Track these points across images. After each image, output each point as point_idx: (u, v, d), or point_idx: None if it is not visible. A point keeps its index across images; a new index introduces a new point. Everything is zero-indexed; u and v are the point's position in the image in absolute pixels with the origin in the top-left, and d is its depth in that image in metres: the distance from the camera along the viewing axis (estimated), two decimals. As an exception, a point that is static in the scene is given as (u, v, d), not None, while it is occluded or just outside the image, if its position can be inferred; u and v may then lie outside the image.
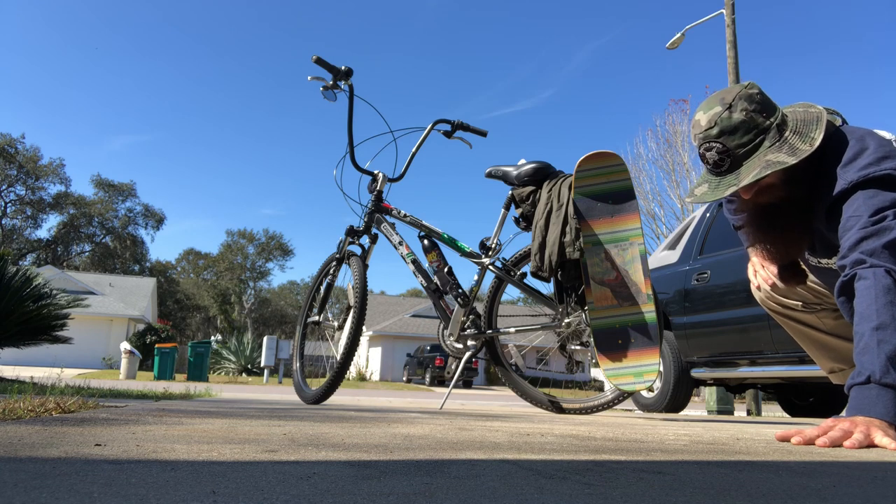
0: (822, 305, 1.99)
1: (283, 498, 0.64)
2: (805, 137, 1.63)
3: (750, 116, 1.63)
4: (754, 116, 1.63)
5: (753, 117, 1.63)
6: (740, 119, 1.63)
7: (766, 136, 1.63)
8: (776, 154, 1.61)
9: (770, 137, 1.63)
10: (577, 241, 2.56)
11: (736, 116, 1.63)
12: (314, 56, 2.95)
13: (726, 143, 1.64)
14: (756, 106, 1.64)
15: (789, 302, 2.05)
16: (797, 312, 2.05)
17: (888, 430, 1.28)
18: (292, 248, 56.42)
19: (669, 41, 12.85)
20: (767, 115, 1.65)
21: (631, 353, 2.54)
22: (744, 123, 1.63)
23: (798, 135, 1.64)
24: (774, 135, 1.63)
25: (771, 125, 1.64)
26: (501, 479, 0.79)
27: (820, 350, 2.06)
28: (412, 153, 3.18)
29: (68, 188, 46.52)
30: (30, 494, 0.61)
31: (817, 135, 1.62)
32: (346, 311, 2.94)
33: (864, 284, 1.44)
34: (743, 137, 1.63)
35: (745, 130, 1.62)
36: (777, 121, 1.65)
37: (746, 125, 1.63)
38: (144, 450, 0.95)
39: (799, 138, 1.63)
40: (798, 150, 1.61)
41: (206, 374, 15.24)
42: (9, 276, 4.76)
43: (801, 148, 1.61)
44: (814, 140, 1.61)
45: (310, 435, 1.27)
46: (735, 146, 1.64)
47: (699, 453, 1.18)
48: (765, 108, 1.65)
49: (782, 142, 1.63)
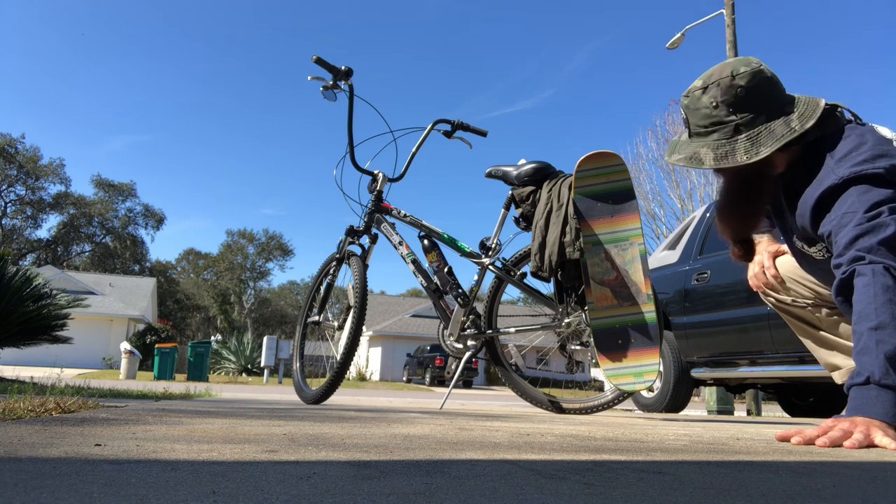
0: (814, 301, 1.98)
1: (283, 498, 0.64)
2: (754, 147, 1.60)
3: (715, 105, 1.64)
4: (719, 107, 1.64)
5: (718, 107, 1.64)
6: (704, 104, 1.67)
7: (718, 130, 1.65)
8: (706, 151, 1.65)
9: (720, 133, 1.64)
10: (577, 241, 2.56)
11: (703, 100, 1.67)
12: (314, 56, 2.95)
13: (688, 117, 1.73)
14: (728, 98, 1.62)
15: (783, 297, 2.05)
16: (792, 308, 2.05)
17: (888, 431, 1.28)
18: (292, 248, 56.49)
19: (669, 41, 12.85)
20: (736, 110, 1.62)
21: (631, 353, 2.54)
22: (705, 109, 1.67)
23: (750, 141, 1.61)
24: (727, 132, 1.64)
25: (730, 123, 1.63)
26: (501, 479, 0.79)
27: (820, 347, 2.06)
28: (412, 153, 3.18)
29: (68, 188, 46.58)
30: (30, 494, 0.61)
31: (764, 151, 1.59)
32: (346, 311, 2.94)
33: (862, 282, 1.43)
34: (699, 120, 1.69)
35: (704, 116, 1.67)
36: (742, 120, 1.62)
37: (707, 112, 1.66)
38: (144, 450, 0.95)
39: (748, 145, 1.61)
40: (732, 157, 1.61)
41: (206, 374, 15.24)
42: (9, 276, 4.76)
43: (737, 158, 1.61)
44: (756, 154, 1.59)
45: (310, 435, 1.27)
46: (693, 124, 1.71)
47: (699, 453, 1.18)
48: (738, 103, 1.62)
49: (729, 141, 1.63)
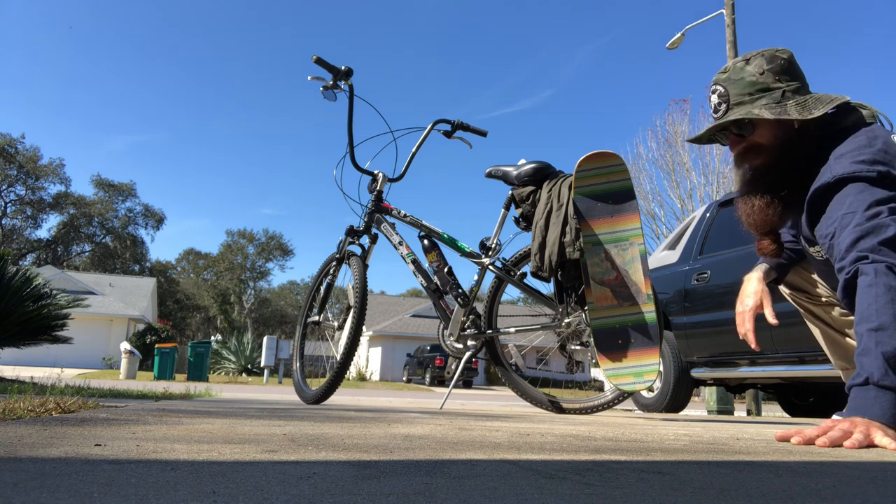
0: (826, 299, 1.98)
1: (283, 498, 0.64)
2: (804, 109, 1.60)
3: (762, 72, 1.64)
4: (766, 74, 1.64)
5: (765, 74, 1.64)
6: (751, 73, 1.66)
7: (766, 95, 1.64)
8: (761, 109, 1.62)
9: (770, 97, 1.64)
10: (577, 241, 2.56)
11: (749, 69, 1.66)
12: (314, 56, 2.95)
13: (728, 89, 1.69)
14: (774, 66, 1.65)
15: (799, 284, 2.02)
16: (808, 302, 2.04)
17: (888, 431, 1.28)
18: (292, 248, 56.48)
19: (669, 41, 12.85)
20: (782, 79, 1.64)
21: (631, 353, 2.54)
22: (752, 76, 1.65)
23: (800, 105, 1.61)
24: (776, 97, 1.64)
25: (778, 88, 1.64)
26: (501, 479, 0.79)
27: (830, 346, 2.05)
28: (412, 153, 3.18)
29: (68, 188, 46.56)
30: (30, 494, 0.61)
31: (818, 110, 1.59)
32: (346, 311, 2.94)
33: (865, 281, 1.42)
34: (746, 89, 1.66)
35: (750, 83, 1.66)
36: (788, 88, 1.64)
37: (753, 80, 1.65)
38: (144, 450, 0.95)
39: (798, 107, 1.61)
40: (786, 112, 1.60)
41: (206, 374, 15.23)
42: (9, 276, 4.76)
43: (790, 112, 1.59)
44: (811, 112, 1.59)
45: (310, 435, 1.27)
46: (735, 93, 1.68)
47: (699, 453, 1.18)
48: (783, 73, 1.65)
49: (779, 104, 1.62)
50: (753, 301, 1.92)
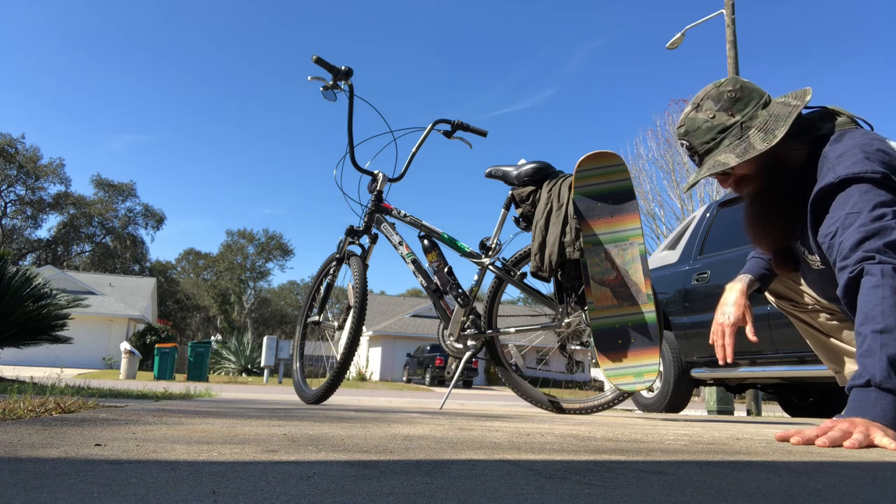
0: (811, 306, 1.98)
1: (283, 498, 0.64)
2: (768, 135, 1.64)
3: (713, 115, 1.70)
4: (718, 115, 1.69)
5: (717, 116, 1.69)
6: (703, 119, 1.71)
7: (727, 134, 1.68)
8: (727, 154, 1.66)
9: (731, 136, 1.68)
10: (577, 241, 2.56)
11: (700, 116, 1.72)
12: (314, 56, 2.95)
13: (691, 142, 1.75)
14: (722, 104, 1.69)
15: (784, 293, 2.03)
16: (794, 309, 2.04)
17: (888, 431, 1.27)
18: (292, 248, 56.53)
19: (669, 41, 12.85)
20: (735, 112, 1.68)
21: (631, 353, 2.54)
22: (706, 123, 1.71)
23: (762, 132, 1.65)
24: (736, 133, 1.67)
25: (735, 124, 1.68)
26: (501, 479, 0.79)
27: (820, 350, 2.05)
28: (412, 153, 3.18)
29: (68, 188, 46.59)
30: (30, 494, 0.61)
31: (780, 132, 1.62)
32: (346, 311, 2.94)
33: (870, 282, 1.41)
34: (705, 136, 1.71)
35: (707, 129, 1.71)
36: (745, 118, 1.67)
37: (709, 125, 1.70)
38: (144, 450, 0.95)
39: (762, 136, 1.64)
40: (751, 147, 1.64)
41: (206, 374, 15.23)
42: (9, 276, 4.76)
43: (755, 145, 1.63)
44: (774, 137, 1.62)
45: (310, 435, 1.27)
46: (699, 144, 1.73)
47: (699, 453, 1.18)
48: (734, 106, 1.68)
49: (742, 139, 1.66)
50: (735, 314, 1.92)
